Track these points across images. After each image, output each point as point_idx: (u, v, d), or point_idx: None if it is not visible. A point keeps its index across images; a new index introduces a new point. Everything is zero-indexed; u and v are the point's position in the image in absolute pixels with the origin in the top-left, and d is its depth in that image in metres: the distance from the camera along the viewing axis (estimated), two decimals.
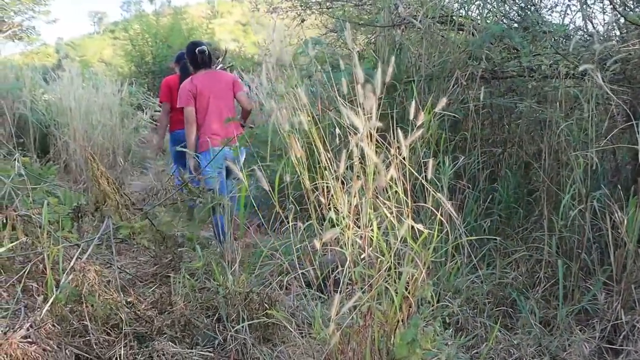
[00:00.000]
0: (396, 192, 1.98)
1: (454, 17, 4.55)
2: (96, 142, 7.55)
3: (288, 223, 2.32)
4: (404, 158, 1.89)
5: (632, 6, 4.00)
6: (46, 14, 22.97)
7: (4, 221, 2.99)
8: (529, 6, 4.47)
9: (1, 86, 7.55)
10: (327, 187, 2.09)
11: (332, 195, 2.08)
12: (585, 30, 4.15)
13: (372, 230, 2.02)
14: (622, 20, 3.79)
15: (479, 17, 4.63)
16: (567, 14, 4.36)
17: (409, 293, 2.09)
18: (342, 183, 2.03)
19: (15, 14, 21.40)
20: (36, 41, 23.57)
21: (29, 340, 2.41)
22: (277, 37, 2.32)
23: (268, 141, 2.74)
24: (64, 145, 7.54)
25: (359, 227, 2.03)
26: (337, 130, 1.98)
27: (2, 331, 2.39)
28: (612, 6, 3.87)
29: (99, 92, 8.06)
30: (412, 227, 1.95)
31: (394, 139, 1.91)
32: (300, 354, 2.64)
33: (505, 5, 4.61)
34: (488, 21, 4.48)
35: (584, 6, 4.11)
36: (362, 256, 2.08)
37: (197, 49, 4.74)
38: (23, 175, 3.62)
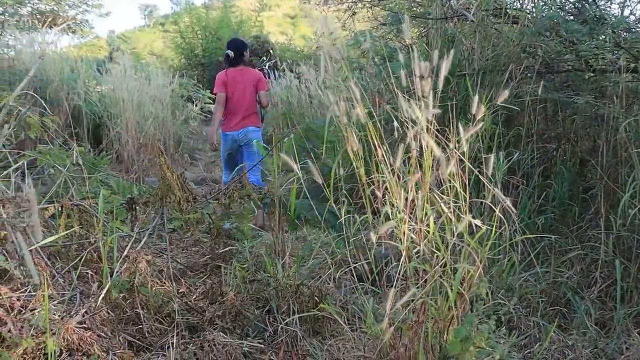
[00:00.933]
0: (453, 186, 1.94)
1: (507, 10, 4.45)
2: (148, 133, 7.65)
3: (341, 216, 2.30)
4: (462, 152, 1.85)
5: None
6: (99, 7, 23.41)
7: (60, 210, 3.05)
8: None
9: (57, 78, 7.69)
10: (382, 180, 2.07)
11: (387, 189, 2.05)
12: None
13: (427, 225, 1.99)
14: None
15: (533, 10, 4.52)
16: (627, 5, 4.23)
17: (463, 290, 2.06)
18: (398, 177, 2.00)
19: (69, 8, 21.88)
20: (89, 34, 24.07)
21: (84, 326, 2.45)
22: (328, 29, 2.30)
23: (324, 135, 2.72)
24: (116, 135, 7.66)
25: (415, 222, 2.00)
26: (395, 123, 1.95)
27: (59, 316, 2.44)
28: None
29: (151, 84, 8.18)
30: (468, 222, 1.91)
31: (453, 132, 1.88)
32: (351, 348, 2.63)
33: None
34: (543, 14, 4.37)
35: None
36: (415, 250, 2.05)
37: (226, 52, 5.78)
38: (79, 164, 3.68)
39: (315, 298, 2.83)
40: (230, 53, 5.71)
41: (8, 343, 2.24)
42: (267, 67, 10.48)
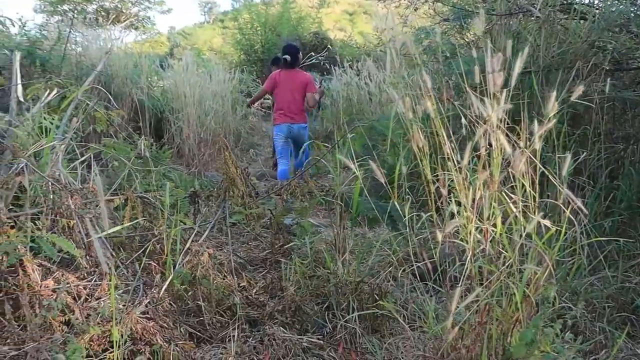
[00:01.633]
0: (523, 185, 1.90)
1: (575, 6, 4.33)
2: (208, 128, 7.75)
3: (404, 215, 2.27)
4: (532, 151, 1.81)
5: None
6: (160, 4, 23.98)
7: (124, 202, 3.12)
8: None
9: (122, 73, 7.86)
10: (448, 178, 2.03)
11: (452, 187, 2.02)
12: None
13: (494, 224, 1.95)
14: None
15: (603, 5, 4.39)
16: None
17: (529, 292, 2.01)
18: (465, 174, 1.96)
19: (132, 5, 22.50)
20: (151, 30, 24.66)
21: (147, 316, 2.50)
22: (389, 25, 2.28)
23: (386, 131, 2.69)
24: (177, 130, 7.79)
25: (481, 221, 1.96)
26: (463, 120, 1.91)
27: (123, 305, 2.50)
28: None
29: (212, 79, 8.28)
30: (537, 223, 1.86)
31: (523, 130, 1.83)
32: (410, 347, 2.60)
33: None
34: (613, 9, 4.23)
35: None
36: (481, 248, 2.01)
37: (283, 56, 6.56)
38: (145, 157, 3.75)
39: (375, 296, 2.82)
40: (288, 57, 6.50)
41: (76, 330, 2.30)
42: (315, 60, 10.56)
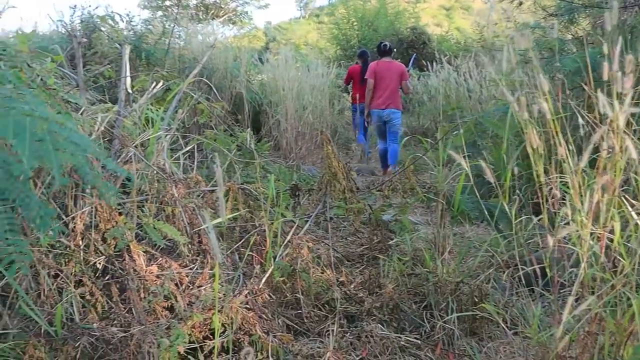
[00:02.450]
0: None
1: None
2: (306, 122, 7.82)
3: (513, 217, 2.19)
4: None
5: None
6: None
7: (227, 193, 3.18)
8: None
9: (222, 66, 8.04)
10: (561, 181, 1.95)
11: (566, 190, 1.93)
12: None
13: (611, 231, 1.85)
14: None
15: None
16: None
17: None
18: (582, 177, 1.87)
19: (231, 1, 23.07)
20: (248, 25, 25.20)
21: (247, 306, 2.54)
22: (492, 20, 2.20)
23: (499, 129, 2.61)
24: (275, 123, 7.89)
25: (597, 227, 1.86)
26: (580, 120, 1.83)
27: (223, 294, 2.54)
28: None
29: (310, 73, 8.34)
30: None
31: None
32: (511, 353, 2.52)
33: None
34: None
35: None
36: (592, 252, 1.91)
37: (382, 43, 7.44)
38: (245, 149, 3.81)
39: (475, 297, 2.75)
40: (387, 44, 7.36)
41: (180, 316, 2.37)
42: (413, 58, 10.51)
